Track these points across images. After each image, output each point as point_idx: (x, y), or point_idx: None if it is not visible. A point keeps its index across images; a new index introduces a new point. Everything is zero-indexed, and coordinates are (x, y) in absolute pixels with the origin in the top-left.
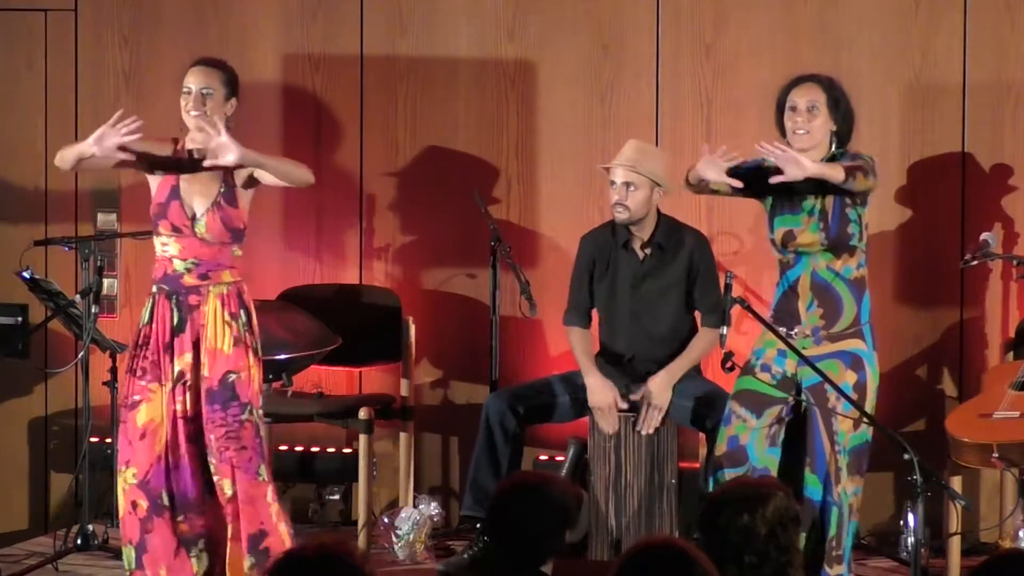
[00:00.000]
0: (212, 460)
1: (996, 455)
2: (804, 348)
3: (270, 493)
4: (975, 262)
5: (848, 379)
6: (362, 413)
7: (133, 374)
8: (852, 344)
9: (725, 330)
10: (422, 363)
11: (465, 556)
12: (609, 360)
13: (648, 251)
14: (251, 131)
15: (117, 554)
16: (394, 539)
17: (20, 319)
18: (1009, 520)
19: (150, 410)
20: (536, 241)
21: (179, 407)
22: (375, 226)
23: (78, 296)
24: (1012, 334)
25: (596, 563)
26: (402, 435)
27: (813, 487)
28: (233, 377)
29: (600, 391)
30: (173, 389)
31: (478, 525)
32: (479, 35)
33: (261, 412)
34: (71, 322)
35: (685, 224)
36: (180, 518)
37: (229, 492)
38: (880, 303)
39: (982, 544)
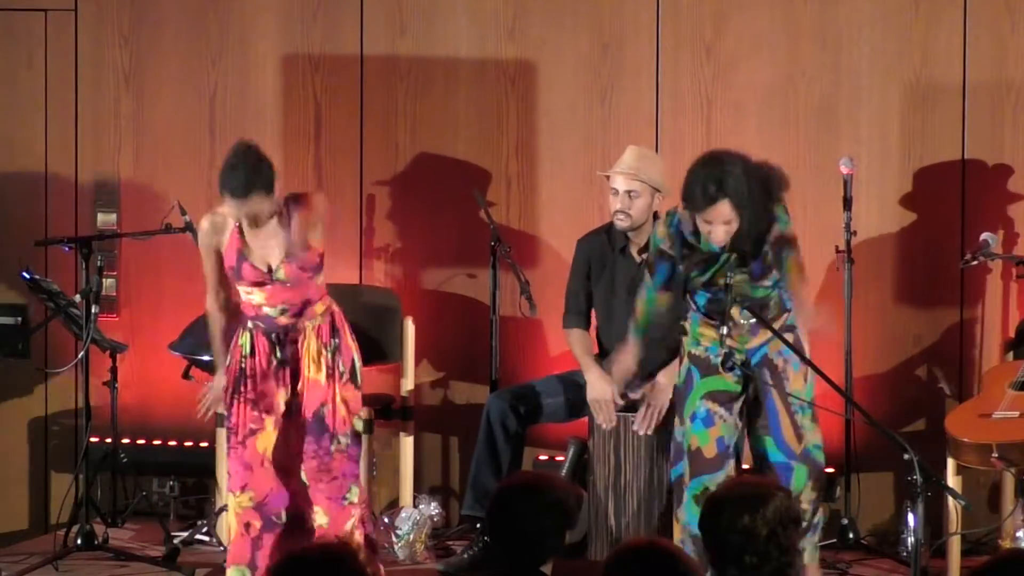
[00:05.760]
0: (309, 488)
1: (996, 455)
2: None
3: (355, 517)
4: (975, 262)
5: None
6: (362, 413)
7: (245, 403)
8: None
9: (725, 330)
10: (422, 363)
11: (465, 556)
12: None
13: (645, 256)
14: (252, 131)
15: (117, 554)
16: (394, 539)
17: (20, 319)
18: (1009, 520)
19: (265, 439)
20: (536, 241)
21: (285, 436)
22: (375, 226)
23: (78, 296)
24: (1012, 334)
25: (596, 563)
26: (402, 435)
27: (772, 451)
28: (325, 409)
29: (599, 385)
30: (283, 419)
31: (478, 525)
32: (479, 35)
33: (350, 437)
34: (71, 322)
35: None
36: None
37: (322, 521)
38: (880, 303)
39: (982, 544)
